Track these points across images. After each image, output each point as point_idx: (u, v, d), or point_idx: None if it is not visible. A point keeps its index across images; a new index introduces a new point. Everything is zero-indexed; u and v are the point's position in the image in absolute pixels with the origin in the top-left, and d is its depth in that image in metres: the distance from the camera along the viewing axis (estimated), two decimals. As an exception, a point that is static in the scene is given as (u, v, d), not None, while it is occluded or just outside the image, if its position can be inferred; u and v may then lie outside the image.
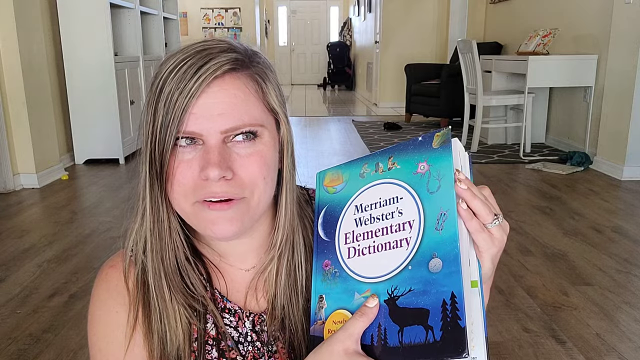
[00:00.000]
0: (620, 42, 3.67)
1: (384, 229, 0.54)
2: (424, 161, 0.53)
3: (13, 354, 1.68)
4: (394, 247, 0.52)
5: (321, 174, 0.63)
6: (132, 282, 0.63)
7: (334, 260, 0.57)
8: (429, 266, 0.49)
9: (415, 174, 0.53)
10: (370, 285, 0.53)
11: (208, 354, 0.62)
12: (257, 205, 0.59)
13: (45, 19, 4.00)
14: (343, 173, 0.60)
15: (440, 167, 0.52)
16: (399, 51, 7.81)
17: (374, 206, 0.56)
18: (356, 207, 0.57)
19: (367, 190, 0.57)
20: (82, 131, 4.27)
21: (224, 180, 0.55)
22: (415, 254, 0.51)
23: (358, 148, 4.99)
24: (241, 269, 0.67)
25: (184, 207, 0.58)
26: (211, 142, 0.55)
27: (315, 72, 13.71)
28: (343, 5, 13.56)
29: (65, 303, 2.00)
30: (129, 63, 4.56)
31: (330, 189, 0.61)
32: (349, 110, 8.36)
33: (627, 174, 3.62)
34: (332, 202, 0.60)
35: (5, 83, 3.45)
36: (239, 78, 0.57)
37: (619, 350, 1.67)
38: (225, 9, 9.84)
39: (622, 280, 2.14)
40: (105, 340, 0.62)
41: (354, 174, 0.59)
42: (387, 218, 0.54)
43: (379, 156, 0.57)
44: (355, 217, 0.57)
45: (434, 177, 0.52)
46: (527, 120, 4.42)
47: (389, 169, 0.56)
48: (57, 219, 2.97)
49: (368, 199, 0.57)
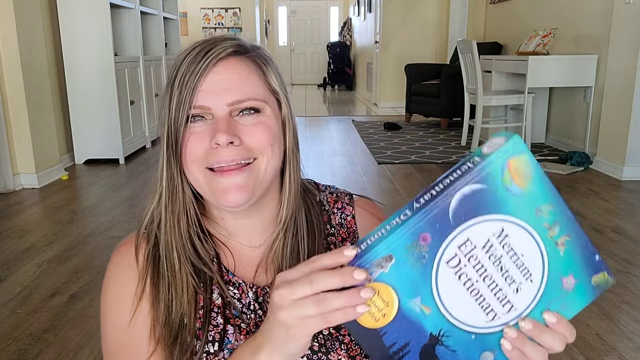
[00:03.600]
0: (620, 42, 3.67)
1: (494, 285, 0.47)
2: (575, 280, 0.49)
3: (13, 354, 1.68)
4: (482, 308, 0.48)
5: (517, 147, 0.45)
6: (143, 257, 0.67)
7: (434, 245, 0.46)
8: (482, 355, 0.49)
9: (560, 278, 0.49)
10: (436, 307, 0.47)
11: (213, 320, 0.66)
12: (266, 170, 0.64)
13: (45, 19, 4.00)
14: (532, 180, 0.46)
15: (575, 302, 0.49)
16: (399, 51, 7.81)
17: (512, 254, 0.47)
18: (502, 229, 0.46)
19: (523, 231, 0.47)
20: (82, 131, 4.27)
21: (232, 146, 0.61)
22: (486, 334, 0.49)
23: (358, 148, 5.00)
24: (249, 246, 0.71)
25: (197, 175, 0.63)
26: (219, 114, 0.62)
27: (315, 72, 13.70)
28: (343, 5, 13.56)
29: (65, 303, 2.00)
30: (129, 63, 4.56)
31: (507, 179, 0.45)
32: (349, 110, 8.37)
33: (627, 174, 3.62)
34: (494, 194, 0.45)
35: (5, 83, 3.45)
36: (242, 60, 0.64)
37: (619, 350, 1.67)
38: (225, 9, 9.85)
39: (622, 280, 2.14)
40: (116, 310, 0.67)
41: (534, 198, 0.46)
42: (507, 280, 0.47)
43: (563, 218, 0.47)
44: (490, 238, 0.46)
45: (564, 302, 0.49)
46: (527, 120, 4.42)
47: (556, 244, 0.48)
48: (57, 219, 2.97)
49: (516, 240, 0.47)
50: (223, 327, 0.66)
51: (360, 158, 4.56)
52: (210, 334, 0.65)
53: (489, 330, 0.48)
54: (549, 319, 0.48)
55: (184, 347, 0.64)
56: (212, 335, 0.65)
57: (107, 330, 0.67)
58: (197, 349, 0.64)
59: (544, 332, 0.48)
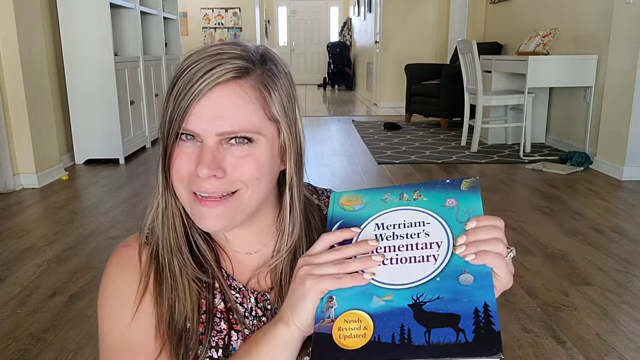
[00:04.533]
0: (620, 42, 3.67)
1: (409, 246, 0.57)
2: (452, 198, 0.59)
3: (13, 354, 1.68)
4: (419, 261, 0.55)
5: (336, 195, 0.63)
6: (146, 256, 0.67)
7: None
8: (459, 279, 0.53)
9: (443, 206, 0.58)
10: (392, 291, 0.54)
11: (217, 325, 0.66)
12: (249, 202, 0.62)
13: (45, 19, 4.00)
14: (362, 196, 0.62)
15: (469, 205, 0.58)
16: (399, 51, 7.80)
17: (398, 226, 0.58)
18: (377, 224, 0.59)
19: (390, 213, 0.60)
20: (82, 131, 4.27)
21: (214, 178, 0.60)
22: (444, 269, 0.54)
23: (358, 148, 5.00)
24: (245, 253, 0.71)
25: (182, 193, 0.63)
26: (207, 142, 0.60)
27: (315, 72, 13.70)
28: (343, 5, 13.56)
29: (65, 303, 2.00)
30: (129, 63, 4.56)
31: (347, 207, 0.62)
32: (349, 110, 8.37)
33: (627, 174, 3.62)
34: (348, 218, 0.61)
35: (5, 83, 3.45)
36: (241, 86, 0.60)
37: (619, 350, 1.67)
38: (225, 9, 9.84)
39: (622, 280, 2.14)
40: (116, 306, 0.65)
41: (375, 198, 0.61)
42: (412, 237, 0.57)
43: (404, 188, 0.61)
44: (375, 233, 0.58)
45: (462, 211, 0.58)
46: (527, 120, 4.42)
47: (415, 199, 0.60)
48: (57, 219, 2.97)
49: (391, 219, 0.59)
50: (227, 333, 0.65)
51: (360, 158, 4.56)
52: (214, 339, 0.65)
53: (442, 266, 0.55)
54: (471, 225, 0.56)
55: (187, 350, 0.63)
56: (216, 341, 0.65)
57: (106, 331, 0.66)
58: (199, 353, 0.63)
59: (477, 232, 0.55)
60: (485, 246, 0.54)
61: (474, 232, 0.55)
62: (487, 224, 0.56)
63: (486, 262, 0.53)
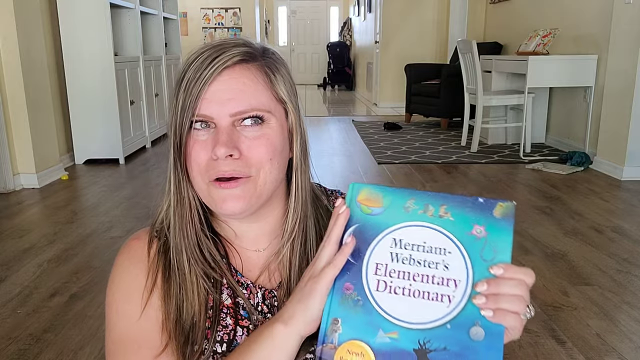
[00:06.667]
0: (620, 42, 3.67)
1: (425, 277, 0.53)
2: (482, 226, 0.53)
3: (13, 354, 1.68)
4: (433, 299, 0.52)
5: (356, 187, 0.58)
6: (154, 252, 0.68)
7: (358, 286, 0.54)
8: (470, 332, 0.50)
9: (470, 234, 0.53)
10: (399, 328, 0.52)
11: (223, 320, 0.66)
12: (264, 185, 0.64)
13: (45, 19, 4.00)
14: (384, 197, 0.56)
15: (499, 240, 0.52)
16: (399, 51, 7.80)
17: (417, 248, 0.54)
18: (394, 240, 0.54)
19: (410, 228, 0.54)
20: (82, 131, 4.27)
21: (231, 159, 0.61)
22: (457, 316, 0.51)
23: (358, 148, 5.00)
24: (254, 250, 0.72)
25: (201, 185, 0.64)
26: (221, 125, 0.62)
27: (315, 72, 13.69)
28: (343, 5, 13.56)
29: (65, 303, 2.00)
30: (129, 63, 4.56)
31: (365, 208, 0.56)
32: (349, 110, 8.36)
33: (627, 174, 3.62)
34: (365, 223, 0.56)
35: (5, 83, 3.45)
36: (249, 69, 0.63)
37: (619, 350, 1.67)
38: (225, 9, 9.84)
39: (622, 280, 2.14)
40: (124, 301, 0.66)
41: (397, 203, 0.55)
42: (430, 267, 0.53)
43: (430, 198, 0.55)
44: (391, 251, 0.54)
45: (490, 246, 0.52)
46: (527, 120, 4.42)
47: (441, 216, 0.54)
48: (57, 219, 2.97)
49: (411, 237, 0.54)
50: (233, 328, 0.66)
51: (360, 158, 4.56)
52: (219, 334, 0.65)
53: (455, 311, 0.51)
54: (497, 271, 0.51)
55: (194, 347, 0.64)
56: (221, 335, 0.65)
57: (113, 322, 0.66)
58: (204, 347, 0.64)
59: (501, 284, 0.51)
60: (506, 304, 0.50)
61: (497, 284, 0.51)
62: (515, 277, 0.51)
63: (503, 323, 0.50)
